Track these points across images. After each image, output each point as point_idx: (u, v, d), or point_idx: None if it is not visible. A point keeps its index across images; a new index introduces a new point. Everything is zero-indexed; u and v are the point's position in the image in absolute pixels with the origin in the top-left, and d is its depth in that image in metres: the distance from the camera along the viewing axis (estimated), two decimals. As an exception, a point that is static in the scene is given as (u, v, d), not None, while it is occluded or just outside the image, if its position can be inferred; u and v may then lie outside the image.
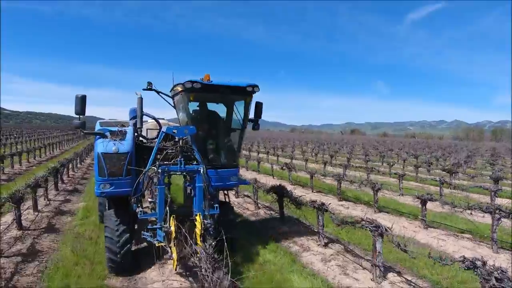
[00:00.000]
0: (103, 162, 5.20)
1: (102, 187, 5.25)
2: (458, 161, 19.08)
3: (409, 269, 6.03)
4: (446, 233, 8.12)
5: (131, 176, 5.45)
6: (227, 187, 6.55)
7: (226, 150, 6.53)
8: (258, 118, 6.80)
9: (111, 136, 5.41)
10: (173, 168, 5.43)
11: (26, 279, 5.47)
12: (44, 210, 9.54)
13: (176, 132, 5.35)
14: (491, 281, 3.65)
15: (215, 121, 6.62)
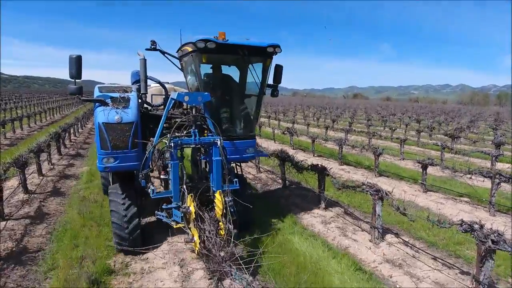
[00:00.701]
0: (105, 133, 4.65)
1: (105, 161, 4.75)
2: (460, 126, 18.97)
3: (407, 231, 6.20)
4: (445, 196, 8.26)
5: (137, 149, 4.91)
6: (244, 159, 6.02)
7: (242, 119, 5.96)
8: (277, 83, 6.08)
9: (113, 103, 4.81)
10: (187, 141, 4.84)
11: (36, 240, 5.67)
12: (49, 174, 9.68)
13: (188, 99, 4.75)
14: (487, 243, 3.73)
15: (229, 87, 5.98)
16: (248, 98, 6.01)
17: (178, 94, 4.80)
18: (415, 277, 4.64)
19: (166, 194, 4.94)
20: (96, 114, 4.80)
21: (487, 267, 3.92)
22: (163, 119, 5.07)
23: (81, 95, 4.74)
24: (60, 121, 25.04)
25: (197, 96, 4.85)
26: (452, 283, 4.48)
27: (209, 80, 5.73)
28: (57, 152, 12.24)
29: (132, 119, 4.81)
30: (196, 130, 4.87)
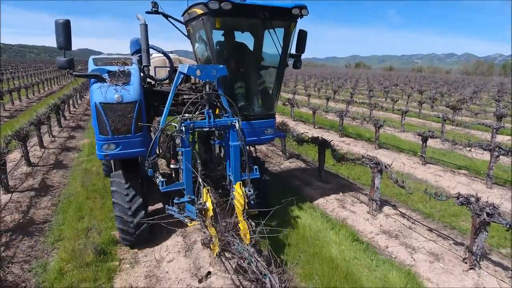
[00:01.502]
0: (103, 115, 3.96)
1: (106, 148, 4.11)
2: (463, 97, 18.75)
3: (404, 203, 6.32)
4: (443, 169, 8.34)
5: (141, 132, 4.26)
6: (262, 142, 5.37)
7: (261, 96, 5.24)
8: (301, 52, 5.24)
9: (111, 79, 4.10)
10: (200, 124, 4.16)
11: (42, 211, 5.81)
12: (50, 146, 9.73)
13: (200, 74, 4.06)
14: (482, 215, 3.82)
15: (245, 57, 5.20)
16: (267, 71, 5.27)
17: (189, 67, 4.07)
18: (410, 248, 4.80)
19: (177, 187, 4.33)
20: (92, 92, 4.04)
21: (481, 238, 4.04)
22: (171, 96, 4.35)
23: (72, 69, 3.94)
24: (58, 92, 24.78)
25: (212, 69, 4.13)
26: (446, 254, 4.64)
27: (222, 50, 4.94)
28: (57, 124, 12.22)
29: (135, 98, 4.10)
30: (210, 111, 4.18)
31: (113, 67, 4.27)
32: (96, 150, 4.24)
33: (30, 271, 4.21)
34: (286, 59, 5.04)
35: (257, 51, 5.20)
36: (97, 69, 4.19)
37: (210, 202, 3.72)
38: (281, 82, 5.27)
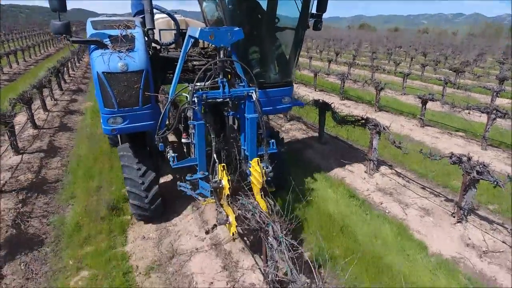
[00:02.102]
0: (107, 86, 3.62)
1: (112, 122, 3.81)
2: (466, 60, 18.44)
3: (401, 163, 6.57)
4: (441, 131, 8.51)
5: (150, 104, 3.94)
6: (279, 111, 4.99)
7: (278, 61, 4.82)
8: (322, 11, 4.68)
9: (113, 45, 3.70)
10: (213, 94, 3.82)
11: (53, 172, 6.07)
12: (53, 110, 9.83)
13: (214, 38, 3.62)
14: (472, 173, 4.05)
15: (260, 18, 4.63)
16: (285, 33, 4.77)
17: (201, 30, 3.59)
18: (403, 204, 5.10)
19: (190, 163, 4.06)
20: (93, 60, 3.66)
21: (470, 195, 4.30)
22: (180, 63, 3.94)
23: (69, 34, 3.52)
24: (55, 54, 24.31)
25: (226, 33, 3.66)
26: (437, 209, 4.95)
27: (235, 9, 4.40)
28: (58, 88, 12.21)
29: (141, 66, 3.74)
30: (224, 80, 3.84)
31: (114, 30, 3.85)
32: (102, 124, 3.94)
33: (48, 224, 4.54)
34: (307, 19, 4.53)
35: (273, 11, 4.60)
36: (97, 34, 3.78)
37: (226, 180, 3.53)
38: (301, 45, 4.80)
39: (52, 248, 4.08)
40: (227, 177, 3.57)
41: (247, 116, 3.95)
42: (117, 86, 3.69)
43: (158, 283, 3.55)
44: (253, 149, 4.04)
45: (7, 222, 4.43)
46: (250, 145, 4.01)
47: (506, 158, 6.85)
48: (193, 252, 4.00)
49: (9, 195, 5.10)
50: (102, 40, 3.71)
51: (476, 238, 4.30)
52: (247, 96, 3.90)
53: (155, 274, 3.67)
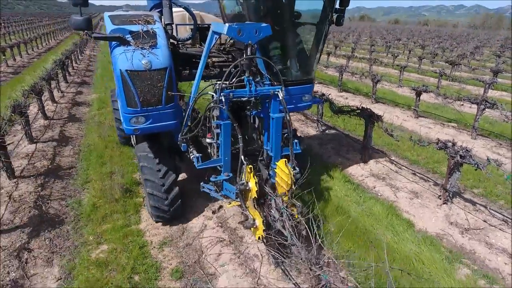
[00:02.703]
0: (131, 85, 3.51)
1: (134, 121, 3.69)
2: (463, 53, 18.71)
3: (394, 151, 6.95)
4: (434, 122, 8.89)
5: (173, 103, 3.84)
6: (299, 109, 4.88)
7: (299, 58, 4.62)
8: (345, 6, 4.41)
9: (136, 41, 3.60)
10: (241, 93, 3.66)
11: (66, 159, 6.44)
12: (61, 101, 10.17)
13: (241, 34, 3.43)
14: (456, 157, 4.43)
15: (283, 13, 4.42)
16: (308, 29, 4.65)
17: (229, 27, 3.37)
18: (395, 187, 5.50)
19: (215, 163, 3.92)
20: (116, 57, 3.55)
21: (454, 177, 4.70)
22: (203, 61, 3.79)
23: (90, 30, 3.41)
24: (56, 47, 24.49)
25: (253, 29, 3.48)
26: (425, 192, 5.35)
27: (257, 4, 4.22)
28: (63, 80, 12.52)
29: (165, 64, 3.63)
30: (251, 78, 3.67)
31: (135, 26, 3.75)
32: (123, 124, 3.84)
33: (67, 206, 4.93)
34: (331, 15, 4.31)
35: (292, 5, 4.43)
36: (118, 29, 3.66)
37: (254, 182, 3.44)
38: (324, 42, 4.60)
39: (72, 226, 4.47)
40: (255, 180, 3.46)
41: (273, 116, 3.79)
42: (141, 85, 3.57)
43: (170, 256, 3.95)
44: (278, 150, 3.91)
45: (29, 203, 4.82)
46: (275, 146, 3.88)
47: (494, 147, 7.24)
48: (202, 229, 4.40)
49: (28, 180, 5.48)
50: (124, 36, 3.59)
51: (460, 218, 4.71)
52: (273, 95, 3.75)
53: (168, 248, 4.07)
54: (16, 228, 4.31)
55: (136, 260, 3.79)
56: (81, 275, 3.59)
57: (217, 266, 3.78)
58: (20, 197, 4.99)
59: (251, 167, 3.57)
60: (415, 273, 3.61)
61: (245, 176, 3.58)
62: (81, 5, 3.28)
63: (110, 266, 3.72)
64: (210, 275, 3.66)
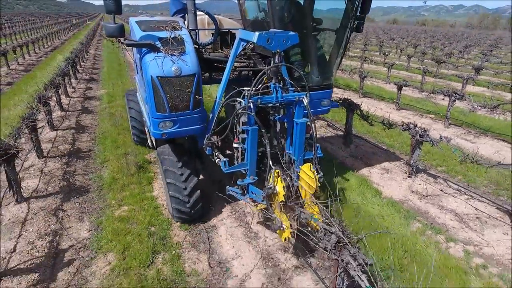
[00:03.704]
0: (161, 91, 3.61)
1: (162, 126, 3.82)
2: (450, 51, 19.64)
3: (373, 137, 7.85)
4: (414, 113, 9.79)
5: (199, 108, 3.95)
6: (318, 114, 5.00)
7: (319, 64, 4.72)
8: (365, 13, 4.47)
9: (165, 48, 3.69)
10: (268, 99, 3.75)
11: (84, 144, 7.33)
12: (73, 96, 11.05)
13: (270, 43, 3.49)
14: (416, 136, 5.33)
15: (305, 19, 4.51)
16: (328, 35, 4.75)
17: (259, 35, 3.43)
18: (369, 165, 6.40)
19: (241, 167, 3.98)
20: (147, 64, 3.63)
21: (416, 154, 5.59)
22: (229, 66, 3.90)
23: (123, 37, 3.58)
24: (61, 46, 25.34)
25: (283, 37, 3.56)
26: (395, 169, 6.25)
27: (281, 10, 4.28)
28: (73, 77, 13.40)
29: (193, 70, 3.73)
30: (277, 85, 3.75)
31: (163, 32, 3.86)
32: (151, 128, 3.95)
33: (90, 179, 5.81)
34: (352, 21, 4.43)
35: (311, 12, 4.55)
36: (147, 36, 3.78)
37: (281, 186, 3.54)
38: (345, 47, 4.76)
39: (96, 194, 5.36)
40: (282, 184, 3.55)
41: (297, 121, 3.88)
42: (170, 91, 3.67)
43: (179, 215, 4.83)
44: (301, 154, 4.00)
45: (58, 177, 5.71)
46: (298, 150, 3.95)
47: (463, 134, 8.15)
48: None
49: (54, 159, 6.37)
50: (155, 43, 3.70)
51: (420, 188, 5.61)
52: (298, 101, 3.85)
53: (177, 209, 4.96)
54: (50, 195, 5.20)
55: (152, 217, 4.68)
56: (108, 227, 4.47)
57: (217, 220, 4.68)
58: (50, 172, 5.88)
59: (278, 171, 3.64)
60: (377, 225, 4.51)
61: (273, 180, 3.64)
62: (115, 12, 3.35)
63: (131, 220, 4.61)
64: (211, 227, 4.55)
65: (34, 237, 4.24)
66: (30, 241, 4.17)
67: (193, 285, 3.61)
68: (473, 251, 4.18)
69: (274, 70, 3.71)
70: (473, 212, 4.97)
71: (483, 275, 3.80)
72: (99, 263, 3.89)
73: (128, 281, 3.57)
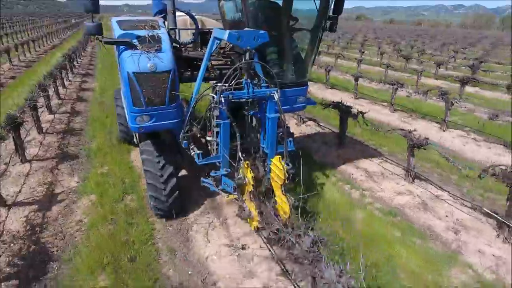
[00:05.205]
0: (137, 86, 3.80)
1: (140, 120, 3.97)
2: (423, 49, 20.98)
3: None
4: (369, 102, 11.10)
5: (176, 103, 4.13)
6: (294, 110, 5.17)
7: (295, 62, 4.96)
8: (338, 14, 4.71)
9: (142, 46, 3.88)
10: (239, 95, 3.97)
11: (77, 124, 8.64)
12: (70, 87, 12.38)
13: (241, 41, 3.75)
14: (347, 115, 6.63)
15: (280, 19, 4.77)
16: (302, 34, 5.01)
17: (229, 33, 3.69)
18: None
19: (214, 160, 4.23)
20: (124, 60, 3.84)
21: (344, 127, 6.89)
22: (204, 64, 4.14)
23: (101, 35, 3.71)
24: (60, 45, 26.65)
25: (252, 35, 3.80)
26: (330, 141, 7.55)
27: (256, 11, 4.53)
28: (70, 72, 14.71)
29: (169, 67, 3.93)
30: (249, 81, 3.96)
31: (141, 31, 4.05)
32: (129, 122, 4.14)
33: (80, 149, 7.12)
34: (325, 21, 4.67)
35: (289, 12, 4.78)
36: (126, 34, 3.97)
37: (250, 176, 3.72)
38: (318, 46, 4.99)
39: (85, 159, 6.67)
40: (251, 174, 3.75)
41: (269, 116, 4.08)
42: (146, 86, 3.84)
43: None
44: (273, 147, 4.18)
45: (55, 147, 7.03)
46: (271, 144, 4.15)
47: (403, 117, 9.45)
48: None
49: (51, 135, 7.69)
50: (132, 41, 3.88)
51: (348, 154, 6.92)
52: (269, 96, 4.04)
53: (148, 169, 6.26)
54: (47, 159, 6.52)
55: (126, 173, 5.99)
56: (92, 179, 5.78)
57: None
58: (48, 144, 7.20)
59: (247, 162, 3.86)
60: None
61: (242, 171, 3.86)
62: (93, 11, 3.52)
63: (110, 175, 5.92)
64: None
65: (35, 185, 5.57)
66: (32, 187, 5.49)
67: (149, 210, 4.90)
68: (368, 195, 5.50)
69: (246, 67, 3.90)
70: (380, 170, 6.29)
71: (367, 207, 5.11)
72: (83, 201, 5.21)
73: (104, 210, 4.88)
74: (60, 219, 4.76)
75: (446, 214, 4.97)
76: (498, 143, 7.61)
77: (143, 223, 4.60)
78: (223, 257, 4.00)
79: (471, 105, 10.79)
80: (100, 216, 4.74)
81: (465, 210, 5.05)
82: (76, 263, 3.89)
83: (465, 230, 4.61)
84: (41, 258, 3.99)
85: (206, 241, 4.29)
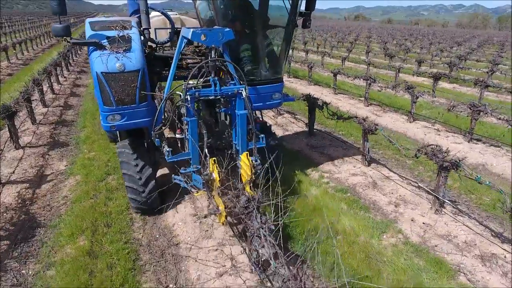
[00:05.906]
0: (106, 86, 3.82)
1: (111, 119, 4.03)
2: (407, 48, 21.62)
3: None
4: (348, 96, 11.72)
5: (146, 102, 4.14)
6: (269, 107, 5.26)
7: (268, 59, 5.05)
8: (310, 10, 4.86)
9: (111, 46, 3.89)
10: (205, 92, 4.05)
11: (70, 117, 9.26)
12: (64, 83, 13.00)
13: (205, 39, 3.86)
14: (315, 105, 7.25)
15: (252, 17, 4.88)
16: (275, 32, 5.09)
17: (193, 32, 3.81)
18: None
19: (183, 157, 4.31)
20: (92, 61, 3.85)
21: (312, 119, 7.50)
22: (174, 63, 4.19)
23: (69, 37, 3.76)
24: (58, 44, 27.26)
25: (217, 33, 3.89)
26: (302, 132, 8.17)
27: (226, 9, 4.66)
28: (66, 69, 15.34)
29: (137, 66, 3.92)
30: (216, 78, 4.04)
31: (112, 32, 4.03)
32: (101, 121, 4.17)
33: (71, 138, 7.75)
34: (296, 18, 4.77)
35: (263, 10, 4.87)
36: (95, 35, 3.96)
37: (217, 172, 3.78)
38: (290, 43, 5.07)
39: (74, 146, 7.29)
40: (218, 170, 3.81)
41: (238, 113, 4.16)
42: (115, 86, 3.86)
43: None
44: (244, 143, 4.25)
45: (47, 136, 7.65)
46: (241, 140, 4.24)
47: (375, 111, 10.07)
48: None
49: (44, 126, 8.31)
50: (100, 41, 3.88)
51: (315, 142, 7.54)
52: (238, 94, 4.08)
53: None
54: (40, 146, 7.14)
55: (111, 157, 6.61)
56: (79, 163, 6.40)
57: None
58: (40, 133, 7.82)
59: (214, 159, 3.92)
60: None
61: (209, 167, 3.92)
62: (60, 13, 3.55)
63: (96, 159, 6.54)
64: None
65: (27, 167, 6.19)
66: (24, 169, 6.11)
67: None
68: (326, 176, 6.12)
69: (212, 65, 4.00)
70: (342, 155, 6.91)
71: (322, 186, 5.73)
72: (70, 181, 5.83)
73: (87, 187, 5.51)
74: (48, 195, 5.39)
75: (392, 192, 5.59)
76: (458, 132, 8.24)
77: (121, 198, 5.22)
78: (187, 223, 4.63)
79: (443, 100, 11.41)
80: (83, 192, 5.36)
81: (409, 188, 5.67)
82: (60, 228, 4.51)
83: (404, 204, 5.23)
84: (29, 225, 4.61)
85: (175, 212, 4.91)
